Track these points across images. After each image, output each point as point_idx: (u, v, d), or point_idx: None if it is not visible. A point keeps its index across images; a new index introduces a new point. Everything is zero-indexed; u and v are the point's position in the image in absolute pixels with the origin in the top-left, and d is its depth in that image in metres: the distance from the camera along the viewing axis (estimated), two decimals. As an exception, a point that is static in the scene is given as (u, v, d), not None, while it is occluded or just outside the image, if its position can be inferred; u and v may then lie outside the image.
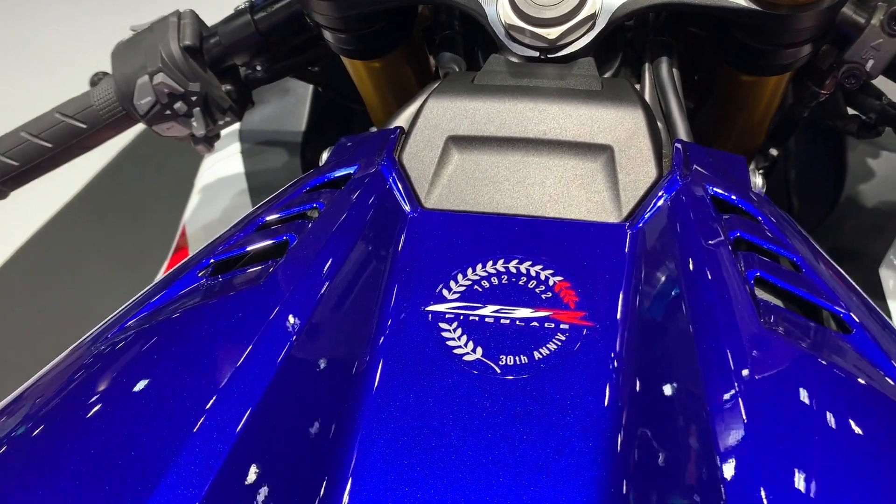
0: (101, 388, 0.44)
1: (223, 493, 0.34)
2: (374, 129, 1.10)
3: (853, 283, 0.52)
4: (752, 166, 0.93)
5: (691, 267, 0.49)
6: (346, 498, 0.41)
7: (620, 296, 0.51)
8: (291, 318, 0.47)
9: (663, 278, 0.50)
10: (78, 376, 0.46)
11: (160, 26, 0.79)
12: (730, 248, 0.50)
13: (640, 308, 0.49)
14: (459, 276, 0.53)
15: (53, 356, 0.50)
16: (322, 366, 0.46)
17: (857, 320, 0.46)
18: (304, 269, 0.50)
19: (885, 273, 0.83)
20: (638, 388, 0.45)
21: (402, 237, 0.56)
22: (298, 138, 1.06)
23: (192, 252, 0.99)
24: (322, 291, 0.49)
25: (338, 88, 0.98)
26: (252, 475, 0.36)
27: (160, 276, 0.97)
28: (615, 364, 0.47)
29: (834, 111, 0.82)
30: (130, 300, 0.56)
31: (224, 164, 1.06)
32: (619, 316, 0.49)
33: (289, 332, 0.46)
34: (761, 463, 0.37)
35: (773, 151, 0.98)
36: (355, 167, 0.60)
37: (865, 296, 0.51)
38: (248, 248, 0.54)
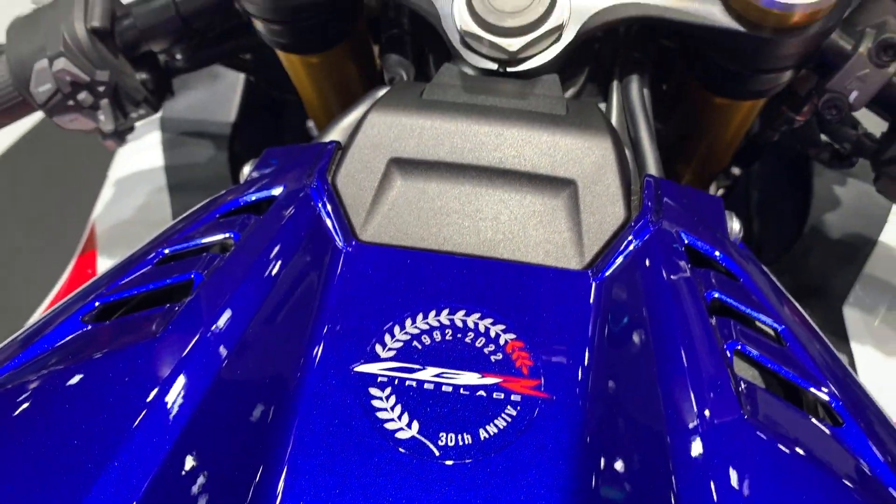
0: None
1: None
2: (310, 123, 1.02)
3: (836, 355, 0.46)
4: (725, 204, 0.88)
5: (663, 335, 0.42)
6: None
7: (581, 362, 0.44)
8: (187, 385, 0.38)
9: (630, 345, 0.44)
10: None
11: (65, 2, 0.69)
12: (706, 312, 0.43)
13: (604, 382, 0.43)
14: (396, 329, 0.45)
15: None
16: (224, 448, 0.38)
17: (848, 410, 0.40)
18: (209, 320, 0.42)
19: (849, 312, 0.78)
20: (597, 483, 0.38)
21: (333, 277, 0.48)
22: (227, 130, 0.96)
23: (100, 256, 0.88)
24: (229, 351, 0.41)
25: (270, 78, 0.89)
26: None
27: (62, 282, 0.86)
28: (573, 449, 0.40)
29: (806, 137, 0.77)
30: (7, 340, 0.47)
31: (142, 155, 0.95)
32: (578, 388, 0.43)
33: (182, 406, 0.38)
34: None
35: (736, 170, 0.93)
36: (281, 188, 0.52)
37: (850, 370, 0.46)
38: (143, 290, 0.45)
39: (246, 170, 0.57)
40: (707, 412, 0.38)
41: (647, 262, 0.47)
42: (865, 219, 0.85)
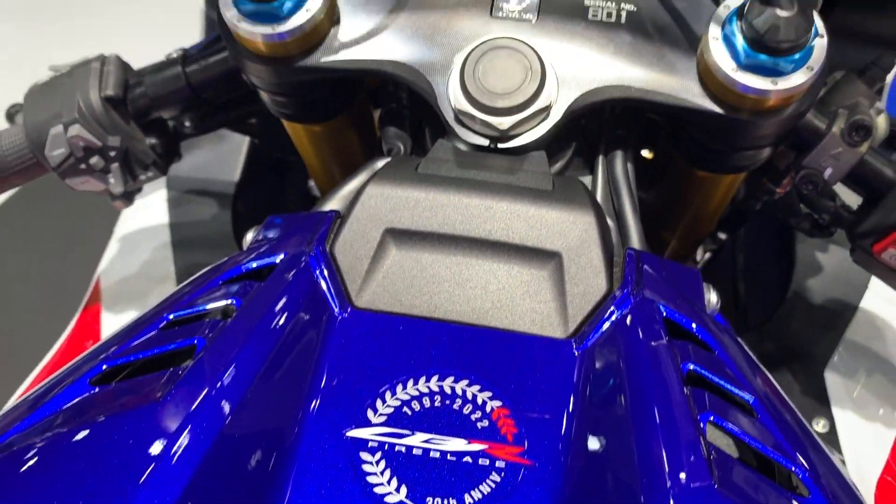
0: None
1: None
2: (311, 183, 1.05)
3: (807, 426, 0.48)
4: (703, 268, 0.91)
5: (641, 405, 0.45)
6: None
7: (563, 429, 0.46)
8: (189, 447, 0.41)
9: (610, 414, 0.46)
10: None
11: (81, 72, 0.72)
12: (682, 383, 0.46)
13: (584, 447, 0.45)
14: (388, 395, 0.48)
15: None
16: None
17: (815, 482, 0.42)
18: (210, 384, 0.44)
19: (830, 377, 0.81)
20: None
21: (329, 343, 0.50)
22: (230, 189, 0.99)
23: (104, 310, 0.91)
24: (229, 415, 0.43)
25: (274, 142, 0.92)
26: None
27: (66, 334, 0.89)
28: None
29: (787, 207, 0.80)
30: (13, 403, 0.49)
31: (147, 212, 0.98)
32: (560, 454, 0.45)
33: (185, 464, 0.40)
34: None
35: (722, 235, 0.96)
36: (282, 255, 0.54)
37: (819, 441, 0.48)
38: (148, 355, 0.48)
39: (249, 236, 0.60)
40: (679, 479, 0.40)
41: (628, 334, 0.49)
42: (847, 285, 0.87)
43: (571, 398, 0.47)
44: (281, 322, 0.49)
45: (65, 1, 3.00)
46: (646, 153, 0.82)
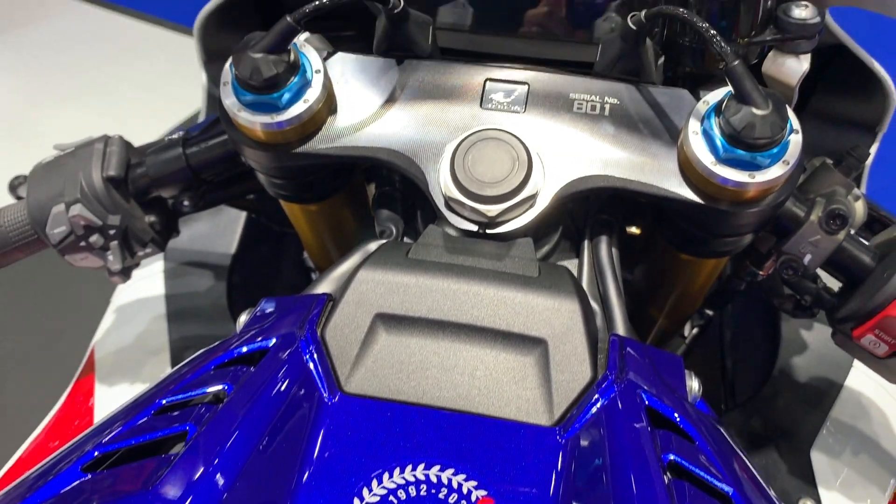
0: None
1: None
2: (305, 256, 1.07)
3: None
4: (690, 343, 0.92)
5: (622, 495, 0.46)
6: None
7: None
8: None
9: (592, 503, 0.47)
10: None
11: (84, 152, 0.75)
12: (662, 473, 0.47)
13: None
14: (374, 483, 0.48)
15: None
16: None
17: None
18: (200, 472, 0.45)
19: (816, 456, 0.81)
20: None
21: (317, 429, 0.51)
22: (226, 261, 1.01)
23: (98, 380, 0.91)
24: (218, 502, 0.44)
25: (271, 216, 0.94)
26: None
27: (60, 403, 0.89)
28: None
29: (770, 288, 0.82)
30: (9, 487, 0.49)
31: (144, 283, 1.00)
32: None
33: None
34: None
35: (709, 311, 0.98)
36: (274, 340, 0.56)
37: None
38: (140, 441, 0.49)
39: (242, 318, 0.61)
40: None
41: (611, 422, 0.50)
42: (832, 363, 0.89)
43: (555, 487, 0.48)
44: (271, 410, 0.50)
45: (69, 70, 3.08)
46: (633, 230, 0.84)
